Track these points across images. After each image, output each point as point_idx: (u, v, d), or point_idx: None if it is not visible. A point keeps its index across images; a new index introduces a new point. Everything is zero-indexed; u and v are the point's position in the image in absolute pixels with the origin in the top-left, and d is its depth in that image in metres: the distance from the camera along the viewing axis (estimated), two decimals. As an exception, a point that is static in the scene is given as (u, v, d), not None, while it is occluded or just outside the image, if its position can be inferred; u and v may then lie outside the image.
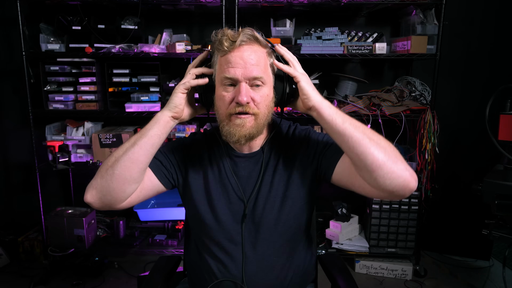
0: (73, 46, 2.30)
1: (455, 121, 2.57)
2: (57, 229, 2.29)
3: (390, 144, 0.92)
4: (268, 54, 0.99)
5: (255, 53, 0.95)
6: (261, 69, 0.95)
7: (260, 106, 0.97)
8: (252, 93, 0.96)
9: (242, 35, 0.93)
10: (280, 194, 1.04)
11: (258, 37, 0.96)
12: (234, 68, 0.94)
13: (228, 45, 0.93)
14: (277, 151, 1.07)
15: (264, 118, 0.99)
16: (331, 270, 1.21)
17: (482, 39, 2.46)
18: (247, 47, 0.94)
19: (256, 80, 0.95)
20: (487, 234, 1.43)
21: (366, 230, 2.52)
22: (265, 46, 0.98)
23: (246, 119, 0.96)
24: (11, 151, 2.68)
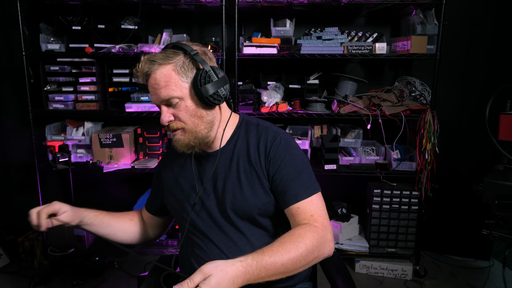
0: (73, 46, 2.30)
1: (455, 121, 2.57)
2: (57, 229, 2.28)
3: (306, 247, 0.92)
4: (175, 66, 0.98)
5: (159, 76, 0.98)
6: (169, 88, 0.97)
7: (185, 119, 1.01)
8: (173, 111, 1.01)
9: (143, 66, 0.98)
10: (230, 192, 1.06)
11: (157, 60, 0.97)
12: (151, 96, 1.02)
13: (141, 79, 1.02)
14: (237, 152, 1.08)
15: (196, 127, 1.02)
16: (330, 270, 1.21)
17: (482, 39, 2.46)
18: (152, 74, 0.98)
19: (169, 101, 0.99)
20: (487, 234, 1.43)
21: (366, 230, 2.52)
22: (170, 62, 0.98)
23: (177, 135, 1.03)
24: (11, 151, 2.68)
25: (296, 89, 2.49)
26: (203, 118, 1.02)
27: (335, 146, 2.35)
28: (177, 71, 0.98)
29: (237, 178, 1.05)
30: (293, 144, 1.08)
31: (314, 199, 1.02)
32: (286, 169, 1.03)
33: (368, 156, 2.48)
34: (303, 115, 2.34)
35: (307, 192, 1.01)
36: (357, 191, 2.64)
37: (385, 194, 2.36)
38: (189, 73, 0.99)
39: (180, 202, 1.13)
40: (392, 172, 2.34)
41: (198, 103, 1.00)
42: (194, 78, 0.98)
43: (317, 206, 1.01)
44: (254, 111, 2.35)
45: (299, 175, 1.02)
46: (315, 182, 1.05)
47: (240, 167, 1.06)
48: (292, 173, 1.02)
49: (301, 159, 1.06)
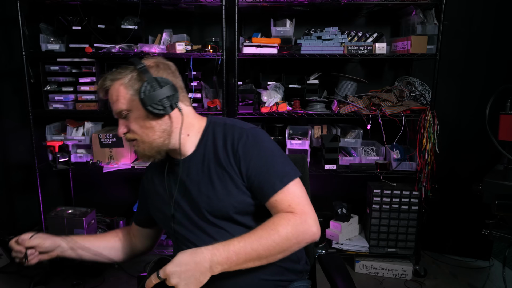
0: (73, 46, 2.30)
1: (455, 121, 2.57)
2: (57, 229, 2.28)
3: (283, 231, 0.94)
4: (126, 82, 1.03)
5: (112, 91, 1.04)
6: (119, 102, 1.03)
7: (136, 131, 1.05)
8: (126, 123, 1.06)
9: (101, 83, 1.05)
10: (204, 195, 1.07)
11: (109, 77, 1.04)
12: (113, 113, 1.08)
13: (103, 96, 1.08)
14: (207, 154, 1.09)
15: (148, 138, 1.05)
16: (330, 270, 1.21)
17: (482, 39, 2.46)
18: (108, 90, 1.05)
19: (121, 113, 1.04)
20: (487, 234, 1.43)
21: (366, 230, 2.52)
22: (119, 78, 1.03)
23: (134, 146, 1.08)
24: (11, 151, 2.68)
25: (296, 89, 2.49)
26: (154, 128, 1.04)
27: (335, 146, 2.35)
28: (125, 85, 1.03)
29: (209, 180, 1.06)
30: (261, 137, 1.07)
31: (291, 188, 1.01)
32: (257, 164, 1.02)
33: (368, 156, 2.48)
34: (303, 115, 2.34)
35: (283, 182, 1.00)
36: (357, 191, 2.64)
37: (385, 194, 2.36)
38: (136, 86, 1.02)
39: (162, 212, 1.15)
40: (392, 172, 2.34)
41: (146, 114, 1.02)
42: (138, 89, 1.01)
43: (294, 194, 1.01)
44: (254, 111, 2.35)
45: (272, 167, 1.02)
46: (291, 169, 1.04)
47: (212, 169, 1.06)
48: (264, 166, 1.02)
49: (272, 150, 1.05)
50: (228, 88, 2.34)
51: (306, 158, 1.40)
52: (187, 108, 1.09)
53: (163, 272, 0.89)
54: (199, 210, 1.06)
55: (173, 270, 0.88)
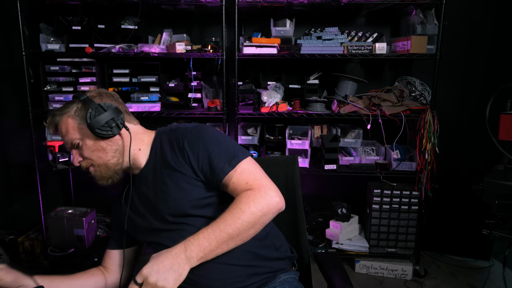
0: (73, 46, 2.30)
1: (455, 121, 2.57)
2: (57, 229, 2.28)
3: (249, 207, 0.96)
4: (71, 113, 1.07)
5: (61, 125, 1.09)
6: (69, 133, 1.08)
7: (90, 156, 1.09)
8: (79, 152, 1.10)
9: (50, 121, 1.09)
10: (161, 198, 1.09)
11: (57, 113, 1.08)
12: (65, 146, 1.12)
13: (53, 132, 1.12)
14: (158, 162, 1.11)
15: (102, 160, 1.09)
16: (326, 268, 1.21)
17: (482, 39, 2.46)
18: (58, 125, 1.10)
19: (73, 143, 1.08)
20: (487, 234, 1.43)
21: (366, 230, 2.52)
22: (65, 111, 1.08)
23: (91, 172, 1.12)
24: (11, 151, 2.68)
25: (296, 89, 2.49)
26: (106, 150, 1.09)
27: (335, 146, 2.35)
28: (72, 116, 1.07)
29: (163, 183, 1.08)
30: (203, 129, 1.09)
31: (243, 167, 1.03)
32: (204, 154, 1.04)
33: (368, 156, 2.48)
34: (303, 115, 2.34)
35: (231, 164, 1.02)
36: (357, 191, 2.64)
37: (385, 194, 2.36)
38: (82, 114, 1.07)
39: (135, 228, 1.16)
40: (392, 172, 2.34)
41: (95, 138, 1.07)
42: (84, 117, 1.06)
43: (249, 172, 1.02)
44: (254, 111, 2.35)
45: (218, 153, 1.04)
46: (239, 149, 1.06)
47: (163, 173, 1.08)
48: (211, 154, 1.04)
49: (215, 138, 1.07)
50: (228, 88, 2.34)
51: (297, 158, 1.40)
52: (135, 127, 1.15)
53: (139, 275, 0.89)
54: (160, 214, 1.08)
55: (150, 269, 0.89)
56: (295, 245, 1.36)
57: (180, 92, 2.42)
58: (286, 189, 1.38)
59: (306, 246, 1.37)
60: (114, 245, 1.25)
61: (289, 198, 1.38)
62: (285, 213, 1.36)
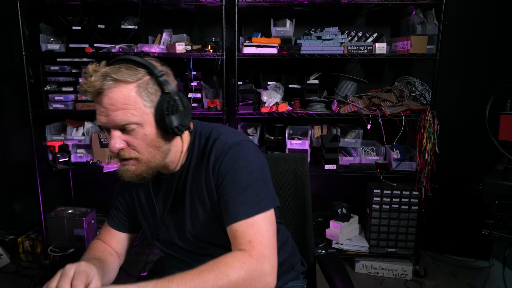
0: (73, 46, 2.30)
1: (455, 121, 2.56)
2: (57, 229, 2.29)
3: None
4: (139, 87, 0.85)
5: (117, 95, 0.83)
6: (128, 112, 0.83)
7: (139, 149, 0.88)
8: (126, 137, 0.86)
9: (98, 82, 0.82)
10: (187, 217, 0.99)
11: (118, 77, 0.83)
12: (100, 116, 0.85)
13: (91, 97, 0.84)
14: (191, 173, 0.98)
15: (151, 157, 0.89)
16: (329, 271, 1.20)
17: (482, 39, 2.46)
18: (107, 91, 0.83)
19: (126, 126, 0.85)
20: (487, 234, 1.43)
21: (366, 230, 2.52)
22: (133, 81, 0.84)
23: (127, 165, 0.89)
24: (11, 151, 2.68)
25: (296, 89, 2.49)
26: (160, 148, 0.90)
27: (335, 146, 2.35)
28: (140, 93, 0.85)
29: (192, 203, 0.97)
30: (243, 153, 0.92)
31: (258, 221, 0.86)
32: (228, 184, 0.89)
33: (368, 156, 2.48)
34: (303, 115, 2.34)
35: (249, 212, 0.86)
36: (357, 191, 2.64)
37: (385, 194, 2.36)
38: (153, 97, 0.86)
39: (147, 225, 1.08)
40: (392, 172, 2.34)
41: (159, 133, 0.88)
42: (159, 104, 0.86)
43: (259, 230, 0.85)
44: (254, 111, 2.35)
45: (242, 191, 0.88)
46: (265, 198, 0.89)
47: (194, 191, 0.96)
48: (234, 188, 0.88)
49: (250, 172, 0.90)
50: (228, 88, 2.34)
51: (306, 157, 1.37)
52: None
53: None
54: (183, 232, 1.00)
55: None
56: (302, 245, 1.34)
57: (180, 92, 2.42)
58: (296, 189, 1.35)
59: (313, 247, 1.36)
60: (122, 227, 1.13)
61: (298, 198, 1.35)
62: (294, 213, 1.36)
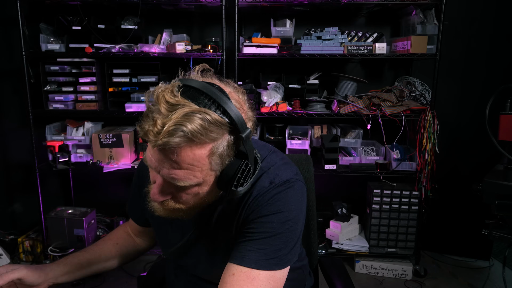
0: (73, 46, 2.30)
1: (455, 121, 2.57)
2: (57, 229, 2.28)
3: None
4: (214, 149, 0.69)
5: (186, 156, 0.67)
6: (191, 174, 0.69)
7: (187, 202, 0.76)
8: (172, 190, 0.74)
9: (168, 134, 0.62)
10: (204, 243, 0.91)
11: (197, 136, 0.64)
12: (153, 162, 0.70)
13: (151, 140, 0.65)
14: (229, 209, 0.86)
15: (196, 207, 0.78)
16: (330, 274, 1.19)
17: (482, 39, 2.46)
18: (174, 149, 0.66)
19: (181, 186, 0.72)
20: (487, 234, 1.43)
21: (366, 230, 2.52)
22: (211, 140, 0.67)
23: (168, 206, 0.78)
24: (11, 151, 2.68)
25: (296, 89, 2.49)
26: (208, 200, 0.79)
27: (335, 146, 2.35)
28: (212, 155, 0.69)
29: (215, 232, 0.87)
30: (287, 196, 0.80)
31: (261, 278, 0.76)
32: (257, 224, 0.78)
33: (368, 156, 2.48)
34: (303, 115, 2.34)
35: (259, 263, 0.76)
36: (357, 191, 2.64)
37: (385, 194, 2.36)
38: (225, 160, 0.71)
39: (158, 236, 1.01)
40: (392, 172, 2.34)
41: (215, 191, 0.77)
42: (229, 168, 0.72)
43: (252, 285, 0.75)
44: (254, 111, 2.34)
45: (266, 237, 0.77)
46: (285, 256, 0.79)
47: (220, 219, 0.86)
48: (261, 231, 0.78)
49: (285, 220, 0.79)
50: (228, 88, 2.34)
51: (311, 159, 1.32)
52: None
53: None
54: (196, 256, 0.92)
55: None
56: (306, 248, 1.32)
57: (180, 92, 2.42)
58: None
59: (316, 252, 1.36)
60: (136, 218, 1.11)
61: None
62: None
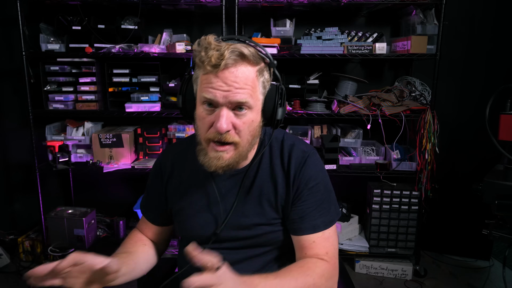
0: (73, 46, 2.30)
1: (455, 121, 2.57)
2: (57, 229, 2.28)
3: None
4: (259, 72, 0.86)
5: (242, 74, 0.82)
6: (247, 92, 0.83)
7: (242, 134, 0.86)
8: (234, 119, 0.84)
9: (228, 56, 0.80)
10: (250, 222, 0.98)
11: (248, 55, 0.82)
12: (215, 90, 0.82)
13: (211, 69, 0.81)
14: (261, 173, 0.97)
15: (246, 145, 0.88)
16: None
17: (482, 39, 2.46)
18: (233, 68, 0.81)
19: (241, 106, 0.84)
20: (487, 234, 1.43)
21: (366, 230, 2.52)
22: (256, 63, 0.84)
23: (223, 151, 0.86)
24: (11, 151, 2.68)
25: (296, 89, 2.49)
26: (255, 138, 0.90)
27: (335, 146, 2.35)
28: (258, 77, 0.85)
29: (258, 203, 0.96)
30: (320, 166, 0.98)
31: (331, 234, 0.94)
32: (310, 197, 0.94)
33: (368, 156, 2.48)
34: (303, 115, 2.34)
35: (326, 225, 0.93)
36: (357, 191, 2.64)
37: (385, 194, 2.36)
38: (266, 85, 0.87)
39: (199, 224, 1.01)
40: (392, 172, 2.34)
41: (261, 121, 0.88)
42: (270, 93, 0.88)
43: (333, 242, 0.94)
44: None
45: (320, 203, 0.94)
46: (336, 209, 0.97)
47: (263, 190, 0.96)
48: (315, 201, 0.94)
49: (326, 183, 0.97)
50: (228, 88, 2.34)
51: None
52: None
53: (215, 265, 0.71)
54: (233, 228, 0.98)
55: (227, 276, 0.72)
56: None
57: (180, 92, 2.42)
58: None
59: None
60: (157, 221, 1.12)
61: None
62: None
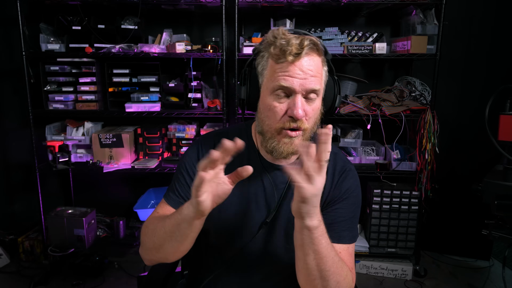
0: (73, 46, 2.30)
1: (455, 121, 2.57)
2: (57, 229, 2.28)
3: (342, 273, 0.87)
4: (324, 62, 0.92)
5: (315, 63, 0.87)
6: (319, 80, 0.88)
7: (311, 121, 0.90)
8: (306, 106, 0.88)
9: (307, 45, 0.85)
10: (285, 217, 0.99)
11: (319, 47, 0.88)
12: (293, 78, 0.85)
13: (292, 58, 0.84)
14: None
15: (310, 132, 0.92)
16: None
17: (482, 39, 2.46)
18: (309, 57, 0.86)
19: (313, 93, 0.88)
20: (487, 234, 1.43)
21: (366, 230, 2.52)
22: (322, 54, 0.90)
23: (295, 137, 0.89)
24: (11, 151, 2.68)
25: (296, 89, 2.48)
26: (316, 125, 0.93)
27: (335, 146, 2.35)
28: (323, 67, 0.91)
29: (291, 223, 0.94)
30: (359, 182, 1.03)
31: (352, 250, 0.98)
32: (344, 207, 0.97)
33: (368, 156, 2.48)
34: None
35: (350, 239, 0.97)
36: (357, 191, 2.64)
37: (385, 194, 2.36)
38: (325, 75, 0.93)
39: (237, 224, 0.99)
40: (392, 172, 2.34)
41: (320, 106, 0.93)
42: (329, 82, 0.95)
43: (352, 257, 0.98)
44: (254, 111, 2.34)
45: (351, 217, 0.98)
46: (356, 232, 1.01)
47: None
48: (347, 213, 0.97)
49: (359, 202, 1.02)
50: (228, 88, 2.34)
51: None
52: None
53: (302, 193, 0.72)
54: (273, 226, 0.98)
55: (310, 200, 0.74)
56: None
57: (180, 92, 2.42)
58: None
59: None
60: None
61: None
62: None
